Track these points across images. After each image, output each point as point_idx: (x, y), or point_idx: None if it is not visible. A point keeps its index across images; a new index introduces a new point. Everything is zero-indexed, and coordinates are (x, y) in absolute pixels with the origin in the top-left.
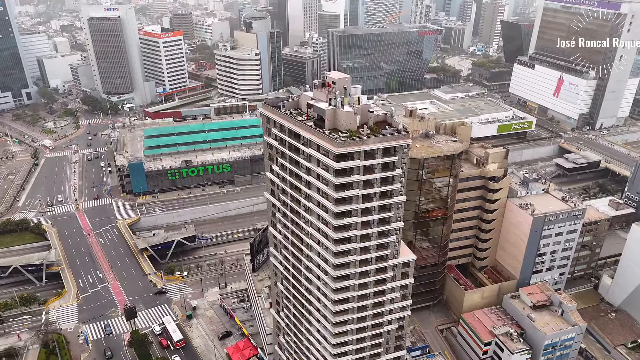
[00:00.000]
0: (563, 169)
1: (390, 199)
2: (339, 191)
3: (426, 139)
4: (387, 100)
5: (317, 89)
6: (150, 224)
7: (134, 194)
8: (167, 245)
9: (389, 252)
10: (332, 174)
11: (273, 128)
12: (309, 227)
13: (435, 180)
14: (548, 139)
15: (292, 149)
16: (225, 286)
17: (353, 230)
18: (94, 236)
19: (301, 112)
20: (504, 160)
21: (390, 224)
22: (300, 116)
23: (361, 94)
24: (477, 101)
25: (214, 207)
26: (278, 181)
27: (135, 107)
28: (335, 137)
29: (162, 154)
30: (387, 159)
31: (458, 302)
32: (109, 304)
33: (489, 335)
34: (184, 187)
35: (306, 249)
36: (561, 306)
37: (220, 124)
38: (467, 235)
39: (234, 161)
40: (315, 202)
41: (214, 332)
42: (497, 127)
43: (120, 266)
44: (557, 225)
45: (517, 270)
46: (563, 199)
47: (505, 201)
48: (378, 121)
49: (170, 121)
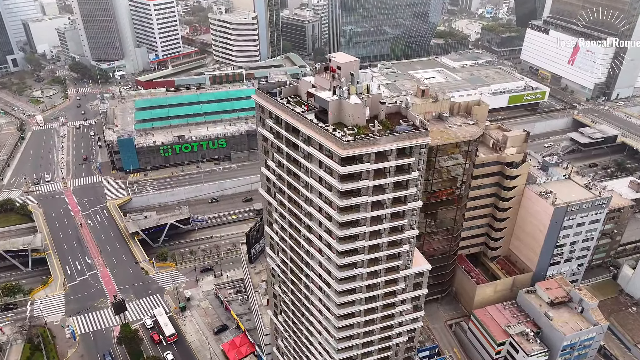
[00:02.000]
0: (578, 144)
1: (404, 205)
2: (344, 198)
3: (440, 122)
4: (391, 68)
5: (319, 74)
6: (142, 204)
7: (124, 172)
8: (160, 228)
9: (401, 263)
10: (337, 179)
11: (268, 119)
12: (309, 233)
13: (449, 167)
14: (561, 111)
15: (290, 145)
16: (221, 274)
17: (360, 241)
18: (82, 218)
19: (300, 101)
20: (523, 144)
21: (404, 232)
22: (299, 106)
23: (364, 61)
24: (487, 69)
25: (209, 186)
26: (274, 179)
27: (126, 74)
28: (341, 135)
29: (154, 128)
30: (402, 161)
31: (469, 296)
32: (97, 293)
33: (503, 335)
34: (177, 163)
35: (306, 256)
36: (581, 303)
37: (215, 94)
38: (479, 223)
39: (230, 136)
40: (317, 208)
41: (209, 326)
42: (508, 98)
43: (110, 251)
44: (579, 215)
45: (533, 262)
46: (586, 186)
47: (522, 188)
48: (390, 113)
49: (163, 91)
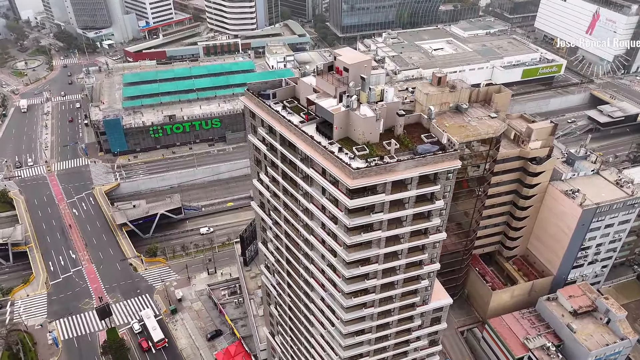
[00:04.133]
0: (597, 123)
1: (426, 237)
2: (353, 235)
3: (457, 114)
4: (397, 38)
5: (322, 75)
6: (131, 190)
7: (112, 154)
8: (150, 218)
9: (418, 300)
10: (345, 212)
11: (260, 127)
12: (309, 264)
13: (468, 166)
14: (578, 85)
15: (287, 162)
16: (215, 271)
17: (372, 280)
18: (67, 206)
19: (299, 106)
20: (549, 137)
21: (423, 267)
22: (297, 113)
23: (367, 29)
24: (499, 40)
25: (202, 170)
26: (268, 195)
27: (115, 44)
28: (349, 158)
29: (143, 106)
30: (425, 189)
31: (483, 301)
32: (82, 293)
33: (522, 349)
34: (168, 145)
35: (306, 287)
36: (608, 314)
37: (208, 68)
38: (496, 222)
39: (225, 115)
40: (319, 239)
41: (201, 331)
42: (521, 72)
43: (96, 245)
44: (608, 216)
45: (554, 265)
46: (617, 183)
47: (546, 185)
48: (409, 124)
49: (153, 64)
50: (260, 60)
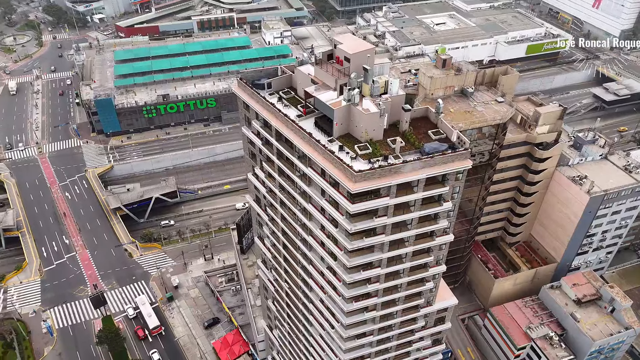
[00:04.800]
0: (602, 101)
1: (432, 240)
2: (354, 240)
3: (463, 98)
4: (398, 12)
5: (321, 65)
6: (125, 173)
7: (105, 135)
8: (144, 202)
9: (422, 302)
10: (346, 216)
11: (254, 120)
12: (308, 264)
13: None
14: (584, 61)
15: (283, 158)
16: (212, 257)
17: (374, 284)
18: (59, 190)
19: (296, 97)
20: (557, 121)
21: (428, 269)
22: (294, 106)
23: (367, 2)
24: (503, 14)
25: (198, 152)
26: (264, 191)
27: (106, 18)
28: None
29: (136, 85)
30: (432, 191)
31: (484, 288)
32: (76, 280)
33: (524, 338)
34: (162, 125)
35: (304, 287)
36: (612, 303)
37: (203, 44)
38: (499, 208)
39: (220, 94)
40: (318, 241)
41: (198, 319)
42: (526, 48)
43: (90, 230)
44: (616, 203)
45: (558, 251)
46: (626, 169)
47: (552, 171)
48: (415, 118)
49: (146, 40)
50: (256, 36)
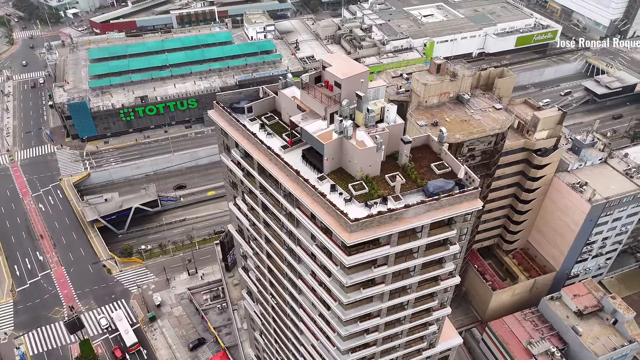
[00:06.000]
0: (593, 94)
1: (436, 284)
2: (350, 292)
3: (459, 105)
4: (385, 3)
5: (308, 90)
6: (103, 180)
7: (80, 140)
8: (124, 213)
9: (425, 345)
10: (340, 267)
11: (234, 148)
12: (298, 308)
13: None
14: (574, 52)
15: (267, 193)
16: (196, 272)
17: (372, 334)
18: (32, 201)
19: (281, 123)
20: (557, 126)
21: (432, 314)
22: (278, 135)
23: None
24: (492, 4)
25: (179, 156)
26: (247, 224)
27: (80, 13)
28: (344, 201)
29: (112, 86)
30: (438, 236)
31: (482, 300)
32: (52, 300)
33: (525, 354)
34: (141, 128)
35: (295, 329)
36: (615, 315)
37: (183, 40)
38: (496, 215)
39: (202, 94)
40: (309, 287)
41: (183, 340)
42: (515, 40)
43: (66, 244)
44: (617, 210)
45: (557, 260)
46: (627, 174)
47: (551, 177)
48: (415, 147)
49: (122, 37)
50: (238, 31)
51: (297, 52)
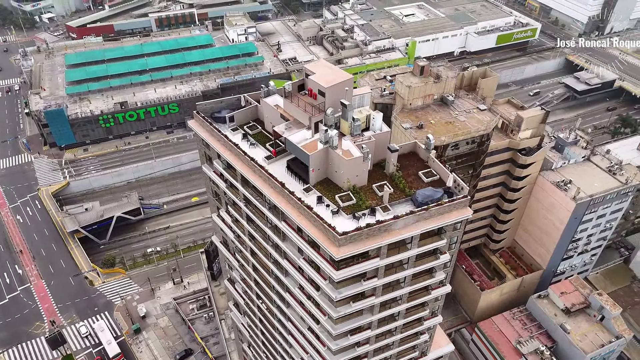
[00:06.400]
0: (573, 91)
1: (427, 294)
2: (340, 306)
3: (443, 107)
4: (366, 4)
5: (291, 98)
6: (83, 189)
7: (58, 148)
8: (105, 222)
9: (416, 354)
10: (330, 283)
11: (216, 159)
12: (286, 321)
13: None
14: (553, 50)
15: (251, 205)
16: (182, 280)
17: (363, 347)
18: (9, 212)
19: (263, 132)
20: (540, 125)
21: (423, 323)
22: (261, 145)
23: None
24: (472, 3)
25: (162, 162)
26: (232, 236)
27: (56, 17)
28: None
29: (90, 92)
30: (428, 246)
31: (471, 300)
32: (32, 315)
33: (514, 354)
34: (122, 135)
35: (284, 343)
36: (602, 311)
37: (162, 44)
38: (482, 215)
39: (183, 99)
40: (297, 300)
41: (170, 351)
42: (496, 38)
43: (46, 257)
44: (601, 207)
45: (544, 258)
46: (610, 171)
47: (536, 176)
48: (402, 155)
49: (99, 41)
50: (218, 33)
51: (279, 54)
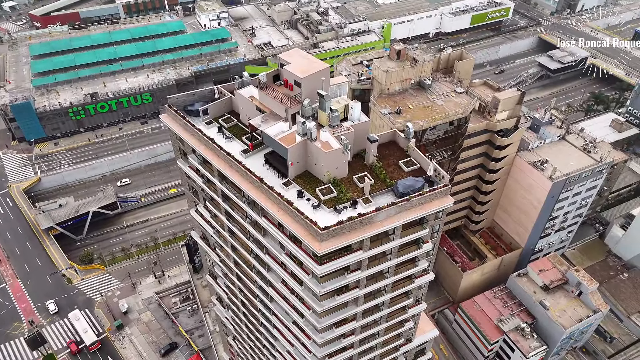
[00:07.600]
0: (547, 69)
1: (411, 283)
2: (324, 300)
3: (421, 91)
4: None
5: (266, 89)
6: (56, 184)
7: (28, 142)
8: (81, 218)
9: (402, 341)
10: (313, 278)
11: (191, 154)
12: (271, 316)
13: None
14: (526, 29)
15: (230, 201)
16: (163, 274)
17: (349, 338)
18: None
19: (239, 125)
20: (516, 106)
21: (407, 311)
22: (237, 138)
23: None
24: None
25: (137, 154)
26: (212, 232)
27: (18, 5)
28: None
29: (58, 83)
30: (410, 236)
31: (453, 282)
32: (9, 316)
33: (496, 332)
34: (94, 127)
35: (269, 337)
36: (579, 287)
37: (132, 31)
38: (462, 197)
39: (156, 88)
40: (281, 295)
41: (153, 346)
42: (470, 18)
43: (20, 255)
44: (577, 185)
45: (522, 237)
46: (584, 149)
47: (513, 157)
48: (382, 143)
49: (65, 30)
50: (190, 19)
51: (253, 39)
